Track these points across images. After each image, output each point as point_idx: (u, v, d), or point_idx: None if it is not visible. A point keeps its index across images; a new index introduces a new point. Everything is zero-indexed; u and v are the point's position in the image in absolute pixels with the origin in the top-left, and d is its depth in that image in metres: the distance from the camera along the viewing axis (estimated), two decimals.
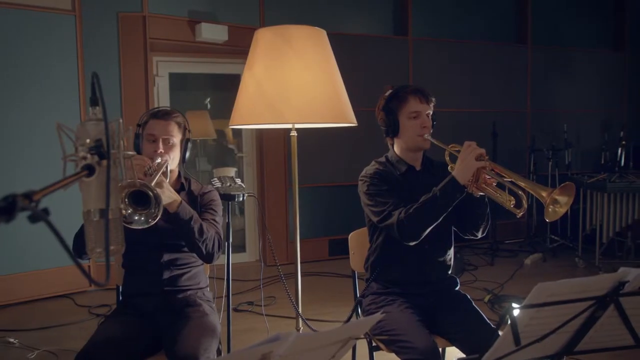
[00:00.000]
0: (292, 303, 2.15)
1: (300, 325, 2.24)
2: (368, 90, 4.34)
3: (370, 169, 1.91)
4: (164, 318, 1.76)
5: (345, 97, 2.09)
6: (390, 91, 1.91)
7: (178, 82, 5.07)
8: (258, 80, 1.99)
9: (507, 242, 5.41)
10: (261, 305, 3.53)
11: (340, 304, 3.63)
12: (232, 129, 5.64)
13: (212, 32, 4.48)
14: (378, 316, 1.03)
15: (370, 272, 1.99)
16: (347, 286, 4.10)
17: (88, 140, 0.82)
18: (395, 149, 1.95)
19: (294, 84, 1.96)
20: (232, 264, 2.26)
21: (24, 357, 2.81)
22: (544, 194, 1.47)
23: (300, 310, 2.19)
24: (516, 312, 1.07)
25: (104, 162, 0.81)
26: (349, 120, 2.07)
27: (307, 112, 1.96)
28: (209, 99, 6.24)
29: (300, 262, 2.35)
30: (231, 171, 5.88)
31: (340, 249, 4.98)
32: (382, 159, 1.96)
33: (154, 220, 1.43)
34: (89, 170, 0.75)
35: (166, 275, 1.81)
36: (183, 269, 1.85)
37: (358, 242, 2.18)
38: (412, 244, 1.75)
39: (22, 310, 3.67)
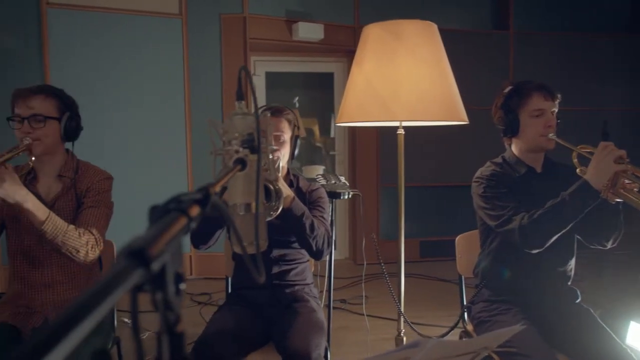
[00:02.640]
0: (397, 304, 2.11)
1: (402, 328, 2.20)
2: (466, 87, 4.17)
3: (486, 170, 1.81)
4: (273, 311, 1.79)
5: (457, 94, 2.01)
6: (510, 87, 1.80)
7: (269, 80, 5.19)
8: (368, 77, 1.97)
9: (617, 252, 4.95)
10: (354, 304, 3.54)
11: (435, 307, 3.53)
12: (320, 127, 5.70)
13: (309, 31, 4.54)
14: (517, 328, 0.96)
15: (481, 278, 1.89)
16: (441, 290, 4.01)
17: (236, 134, 0.83)
18: (513, 149, 1.83)
19: (405, 81, 1.91)
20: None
21: None
22: None
23: (402, 311, 2.14)
24: None
25: (251, 156, 0.81)
26: (461, 118, 1.99)
27: (418, 110, 1.90)
28: (297, 98, 6.36)
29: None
30: (319, 169, 5.94)
31: (432, 251, 4.86)
32: (499, 160, 1.85)
33: (276, 212, 1.45)
34: (242, 164, 0.76)
35: (275, 270, 1.84)
36: (291, 265, 1.87)
37: (466, 245, 2.09)
38: (534, 252, 1.64)
39: None
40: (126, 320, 3.21)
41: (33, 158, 1.70)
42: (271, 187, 1.43)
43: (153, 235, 0.39)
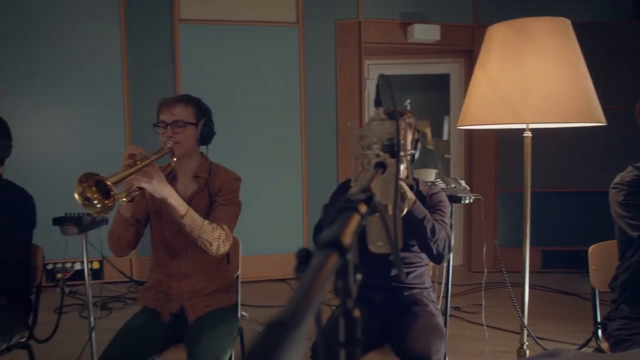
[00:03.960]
0: (519, 316, 2.01)
1: (525, 340, 2.09)
2: (601, 85, 3.83)
3: (627, 175, 1.66)
4: (391, 313, 1.81)
5: (592, 93, 1.87)
6: None
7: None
8: (493, 79, 1.90)
9: None
10: (469, 312, 3.42)
11: (560, 322, 3.29)
12: (432, 129, 5.59)
13: (425, 33, 4.49)
14: None
15: (620, 293, 1.74)
16: (566, 303, 3.72)
17: (375, 139, 0.86)
18: None
19: (534, 82, 1.82)
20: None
21: (253, 329, 3.18)
22: None
23: (526, 323, 2.03)
24: None
25: (389, 160, 0.83)
26: (597, 119, 1.85)
27: (549, 111, 1.80)
28: (408, 101, 6.30)
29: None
30: (432, 173, 5.82)
31: (554, 262, 4.53)
32: None
33: (401, 214, 1.47)
34: (383, 167, 0.79)
35: (393, 272, 1.85)
36: (410, 268, 1.87)
37: (601, 256, 1.94)
38: None
39: (253, 288, 4.12)
40: (244, 313, 3.40)
41: (175, 159, 1.88)
42: None
43: (342, 229, 0.43)
